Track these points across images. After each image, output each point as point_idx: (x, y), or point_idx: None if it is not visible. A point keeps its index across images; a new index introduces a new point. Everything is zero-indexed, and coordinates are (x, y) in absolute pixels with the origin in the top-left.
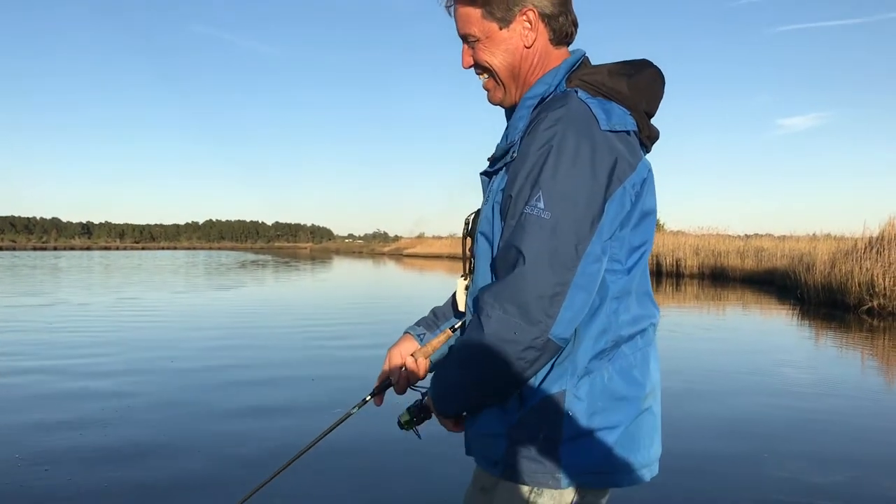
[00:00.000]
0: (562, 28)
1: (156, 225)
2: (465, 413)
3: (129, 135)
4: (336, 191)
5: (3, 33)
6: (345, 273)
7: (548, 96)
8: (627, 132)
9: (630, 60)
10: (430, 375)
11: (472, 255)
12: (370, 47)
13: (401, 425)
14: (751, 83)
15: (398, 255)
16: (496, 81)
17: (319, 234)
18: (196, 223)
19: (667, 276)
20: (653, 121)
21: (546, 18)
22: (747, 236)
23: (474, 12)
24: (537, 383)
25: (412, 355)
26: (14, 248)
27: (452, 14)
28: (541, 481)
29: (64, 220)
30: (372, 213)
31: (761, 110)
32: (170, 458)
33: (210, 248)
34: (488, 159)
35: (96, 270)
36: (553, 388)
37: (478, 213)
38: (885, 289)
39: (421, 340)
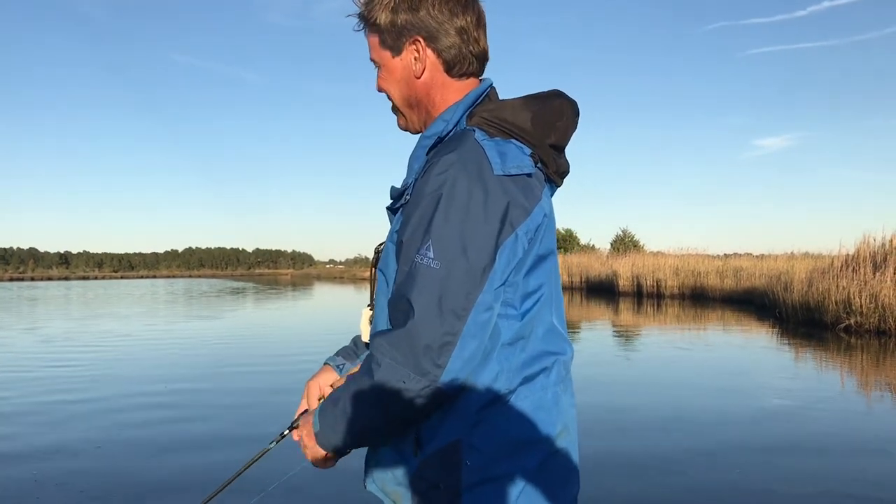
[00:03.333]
0: (456, 59)
1: (135, 253)
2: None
3: (107, 164)
4: (316, 217)
5: None
6: (323, 300)
7: (445, 135)
8: (524, 175)
9: (537, 93)
10: None
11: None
12: (349, 76)
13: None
14: (724, 105)
15: None
16: (394, 108)
17: (300, 259)
18: (175, 251)
19: (648, 296)
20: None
21: (436, 50)
22: (726, 256)
23: (373, 39)
24: (432, 432)
25: (331, 386)
26: None
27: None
28: None
29: (41, 249)
30: (352, 239)
31: (737, 131)
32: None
33: (190, 276)
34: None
35: (72, 300)
36: (448, 438)
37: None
38: (861, 307)
39: (340, 371)
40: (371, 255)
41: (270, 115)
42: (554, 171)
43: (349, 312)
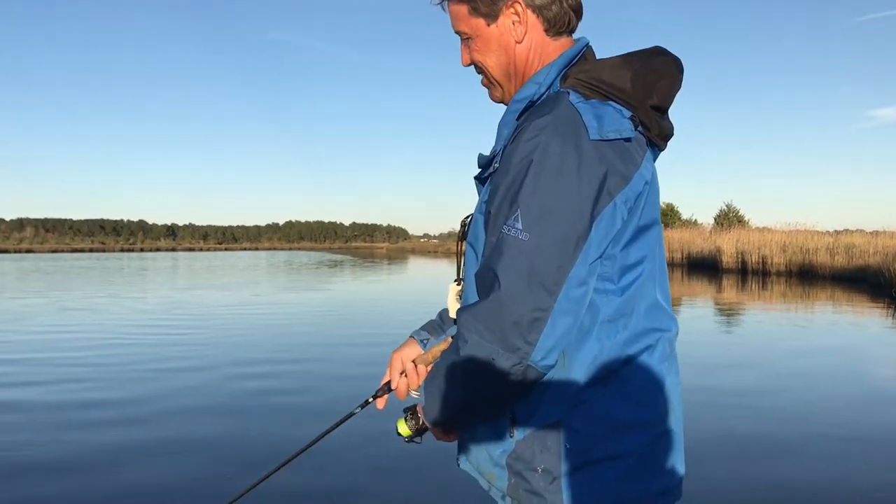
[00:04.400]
0: (557, 16)
1: (238, 226)
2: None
3: (211, 141)
4: (412, 191)
5: (95, 45)
6: (418, 273)
7: (538, 99)
8: (622, 139)
9: (638, 51)
10: None
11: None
12: (446, 44)
13: (401, 435)
14: (836, 73)
15: None
16: (490, 81)
17: (395, 233)
18: (276, 224)
19: (752, 273)
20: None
21: (536, 9)
22: (837, 232)
23: (461, 9)
24: (530, 412)
25: (413, 361)
26: (104, 250)
27: (445, 9)
28: None
29: (150, 221)
30: (447, 213)
31: (849, 101)
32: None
33: (290, 249)
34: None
35: (181, 271)
36: (547, 419)
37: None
38: None
39: (424, 346)
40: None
41: (368, 92)
42: (656, 135)
43: (443, 286)
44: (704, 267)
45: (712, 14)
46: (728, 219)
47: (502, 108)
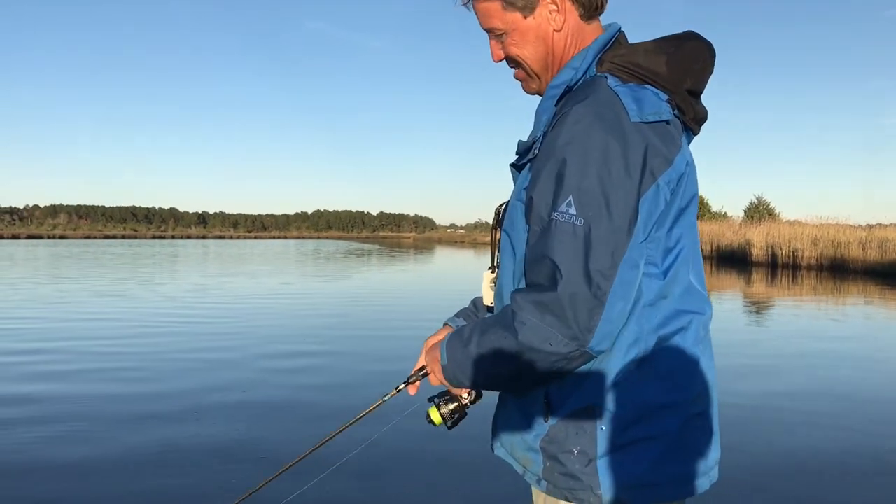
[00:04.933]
0: (591, 0)
1: (267, 215)
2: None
3: (241, 130)
4: (439, 181)
5: (129, 33)
6: (446, 263)
7: (574, 83)
8: (661, 122)
9: (671, 35)
10: None
11: (499, 249)
12: (478, 35)
13: (432, 423)
14: (867, 66)
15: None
16: (528, 73)
17: (422, 223)
18: (305, 213)
19: (782, 267)
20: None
21: None
22: (870, 226)
23: (493, 5)
24: (565, 396)
25: None
26: (135, 237)
27: (471, 8)
28: (581, 498)
29: (181, 209)
30: (474, 203)
31: (882, 93)
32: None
33: (318, 237)
34: (516, 151)
35: (214, 258)
36: (583, 402)
37: (507, 203)
38: None
39: None
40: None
41: (400, 82)
42: (691, 118)
43: (471, 276)
44: (734, 260)
45: (743, 5)
46: (758, 211)
47: (532, 97)
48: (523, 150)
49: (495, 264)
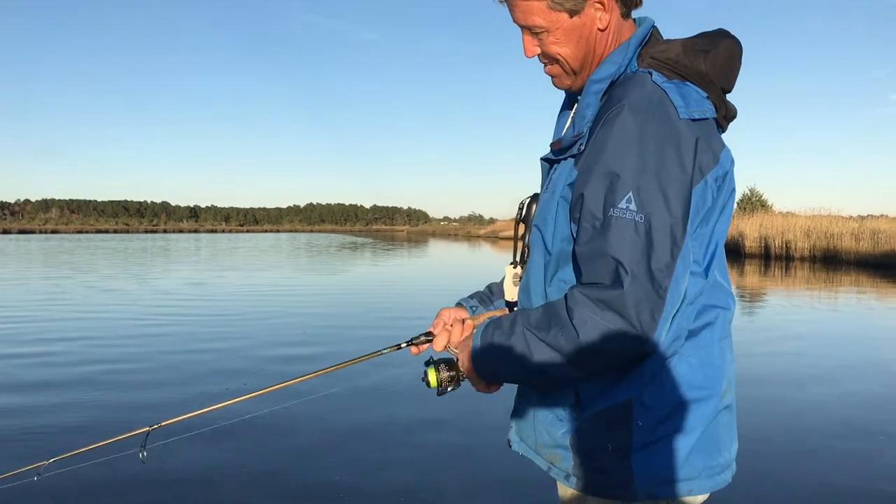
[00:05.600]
0: None
1: (259, 208)
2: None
3: (233, 123)
4: (432, 174)
5: (120, 24)
6: (442, 256)
7: (617, 78)
8: (706, 119)
9: (705, 33)
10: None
11: (526, 245)
12: (471, 28)
13: (428, 384)
14: (863, 56)
15: (494, 238)
16: (565, 70)
17: (416, 216)
18: (297, 206)
19: (775, 259)
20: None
21: None
22: (862, 217)
23: (538, 4)
24: (601, 391)
25: (464, 320)
26: (127, 231)
27: (504, 2)
28: (616, 494)
29: (173, 203)
30: (467, 196)
31: (876, 83)
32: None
33: (311, 231)
34: (551, 145)
35: (209, 252)
36: (618, 397)
37: (534, 198)
38: None
39: (472, 311)
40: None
41: (389, 74)
42: (723, 116)
43: (467, 270)
44: (727, 252)
45: None
46: (751, 203)
47: (518, 94)
48: (567, 144)
49: (517, 259)
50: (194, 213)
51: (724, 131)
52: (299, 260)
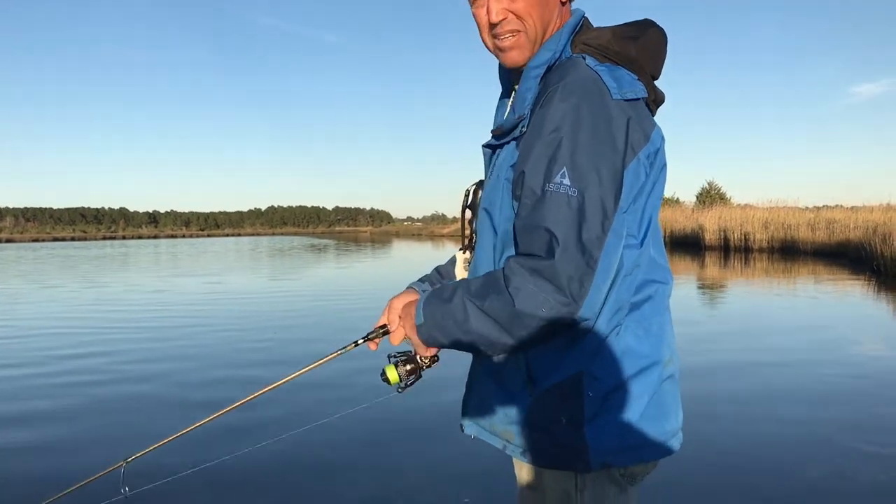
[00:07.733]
0: None
1: (220, 212)
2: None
3: (192, 126)
4: (394, 175)
5: (73, 26)
6: (405, 255)
7: (553, 64)
8: (638, 100)
9: (632, 22)
10: None
11: (473, 230)
12: (431, 31)
13: (388, 382)
14: (819, 49)
15: (457, 236)
16: (529, 39)
17: (379, 217)
18: (259, 209)
19: (735, 250)
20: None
21: None
22: (818, 208)
23: None
24: (551, 367)
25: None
26: (85, 238)
27: None
28: (571, 465)
29: (131, 209)
30: (429, 196)
31: (832, 77)
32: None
33: (273, 234)
34: (492, 131)
35: (175, 258)
36: (569, 370)
37: (479, 184)
38: None
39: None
40: (452, 209)
41: (348, 77)
42: (652, 100)
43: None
44: (687, 245)
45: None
46: (710, 196)
47: (482, 93)
48: (508, 128)
49: (465, 244)
50: (154, 218)
51: (652, 114)
52: (260, 263)
